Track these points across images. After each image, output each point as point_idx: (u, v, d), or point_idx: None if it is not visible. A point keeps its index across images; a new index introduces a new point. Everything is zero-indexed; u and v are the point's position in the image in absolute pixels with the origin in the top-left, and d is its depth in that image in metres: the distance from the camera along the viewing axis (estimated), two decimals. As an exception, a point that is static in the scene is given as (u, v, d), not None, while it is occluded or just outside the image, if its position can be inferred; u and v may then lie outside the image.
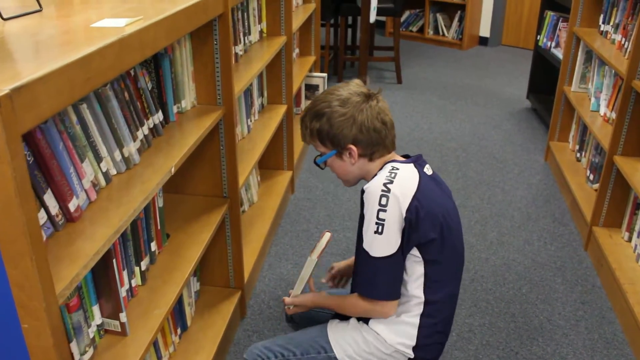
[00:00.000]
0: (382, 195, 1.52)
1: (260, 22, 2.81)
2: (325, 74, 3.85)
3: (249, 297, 2.42)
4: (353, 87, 1.63)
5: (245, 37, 2.56)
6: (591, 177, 3.07)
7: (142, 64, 1.60)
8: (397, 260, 1.55)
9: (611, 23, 3.05)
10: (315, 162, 1.69)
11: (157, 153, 1.60)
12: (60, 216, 1.22)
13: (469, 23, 6.27)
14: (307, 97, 3.92)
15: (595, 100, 3.10)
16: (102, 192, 1.39)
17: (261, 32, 2.85)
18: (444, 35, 6.55)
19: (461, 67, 5.72)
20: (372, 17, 4.80)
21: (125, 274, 1.53)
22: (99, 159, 1.37)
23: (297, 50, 3.77)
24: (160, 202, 1.76)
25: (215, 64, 1.89)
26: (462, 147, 3.87)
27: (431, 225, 1.54)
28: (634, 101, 2.48)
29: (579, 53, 3.37)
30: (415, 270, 1.58)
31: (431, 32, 6.62)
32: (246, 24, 2.57)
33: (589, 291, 2.51)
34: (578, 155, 3.38)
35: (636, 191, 2.37)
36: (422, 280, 1.59)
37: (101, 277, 1.39)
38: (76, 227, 1.25)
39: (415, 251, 1.56)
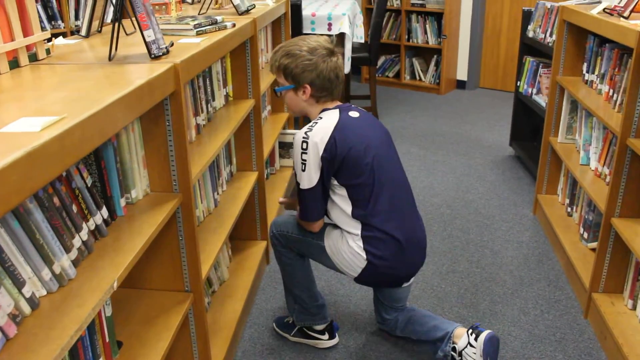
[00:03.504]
0: (303, 141, 2.01)
1: (225, 85, 2.61)
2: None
3: (220, 395, 2.17)
4: (322, 41, 2.09)
5: (209, 105, 2.36)
6: (585, 235, 2.88)
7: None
8: (317, 191, 2.06)
9: (596, 72, 2.90)
10: (274, 91, 2.18)
11: (99, 261, 1.37)
12: (-37, 370, 0.98)
13: (446, 67, 6.15)
14: (281, 156, 3.72)
15: (584, 154, 2.93)
16: (25, 323, 1.15)
17: (227, 95, 2.65)
18: (420, 80, 6.43)
19: (440, 113, 5.57)
20: (347, 68, 4.65)
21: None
22: (19, 284, 1.13)
23: (268, 108, 3.58)
24: (108, 311, 1.52)
25: (169, 146, 1.68)
26: (446, 203, 3.67)
27: (344, 156, 2.00)
28: (630, 160, 2.31)
29: (564, 103, 3.21)
30: (342, 193, 2.07)
31: (408, 77, 6.49)
32: (209, 89, 2.37)
33: (594, 368, 2.29)
34: (569, 209, 3.19)
35: (637, 256, 2.17)
36: (347, 198, 2.07)
37: None
38: (-14, 380, 1.01)
39: (334, 181, 2.06)
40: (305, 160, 2.00)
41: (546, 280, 2.86)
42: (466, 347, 2.16)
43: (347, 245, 2.11)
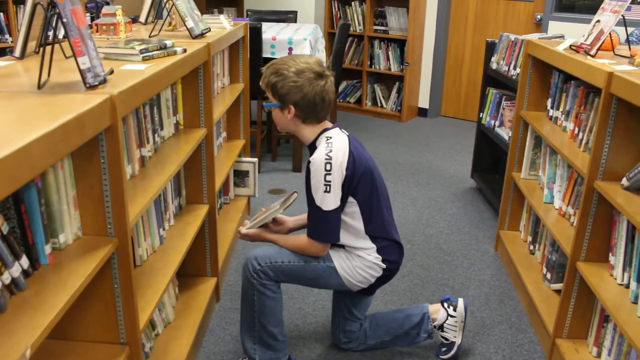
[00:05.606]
0: (326, 163, 2.03)
1: (175, 113, 2.45)
2: (255, 159, 3.50)
3: None
4: (312, 62, 2.08)
5: (156, 135, 2.19)
6: (548, 275, 2.79)
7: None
8: (339, 210, 2.10)
9: (561, 109, 2.83)
10: (262, 105, 2.18)
11: (13, 322, 1.19)
12: None
13: (408, 94, 6.10)
14: (236, 185, 3.56)
15: (548, 192, 2.85)
16: None
17: (177, 124, 2.49)
18: (382, 106, 6.35)
19: (401, 142, 5.49)
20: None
21: None
22: None
23: (224, 134, 3.42)
24: (25, 374, 1.33)
25: (104, 185, 1.51)
26: (406, 237, 3.55)
27: (362, 172, 2.10)
28: (597, 203, 2.23)
29: (528, 138, 3.14)
30: (354, 211, 2.13)
31: (369, 104, 6.41)
32: (156, 118, 2.21)
33: (558, 420, 2.18)
34: (531, 247, 3.11)
35: (603, 303, 2.08)
36: (359, 216, 2.14)
37: None
38: None
39: (350, 198, 2.11)
40: (329, 182, 2.03)
41: (508, 322, 2.75)
42: (447, 319, 2.44)
43: (361, 259, 2.19)
